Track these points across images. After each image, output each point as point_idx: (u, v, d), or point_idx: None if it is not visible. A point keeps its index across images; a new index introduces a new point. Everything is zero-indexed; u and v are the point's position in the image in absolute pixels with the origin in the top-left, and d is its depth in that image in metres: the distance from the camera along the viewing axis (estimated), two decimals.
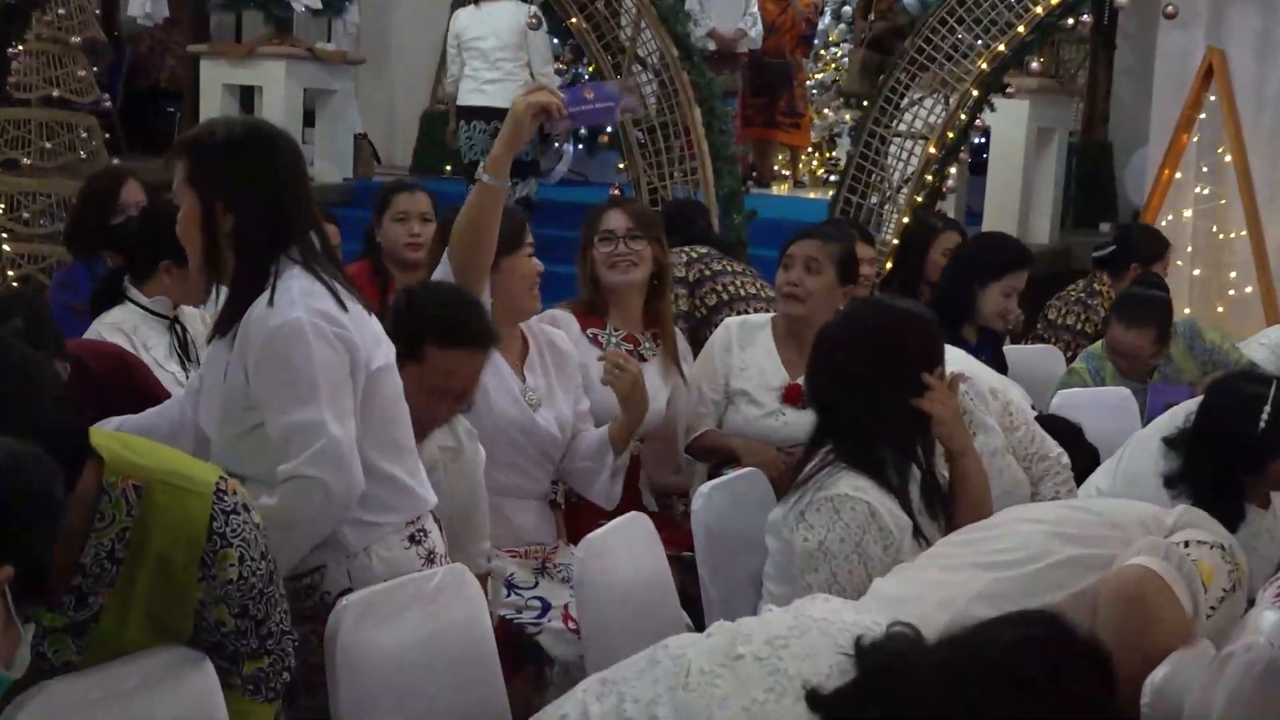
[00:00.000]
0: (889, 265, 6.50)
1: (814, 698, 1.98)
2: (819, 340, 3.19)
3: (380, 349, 2.80)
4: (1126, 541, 2.62)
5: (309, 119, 10.08)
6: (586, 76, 7.78)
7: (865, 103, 9.11)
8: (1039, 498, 3.67)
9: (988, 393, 3.73)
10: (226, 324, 2.74)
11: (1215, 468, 3.37)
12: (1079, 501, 2.86)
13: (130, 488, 2.24)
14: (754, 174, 11.37)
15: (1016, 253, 5.05)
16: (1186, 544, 2.57)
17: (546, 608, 3.45)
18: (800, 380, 4.18)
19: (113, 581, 2.24)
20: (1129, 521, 2.68)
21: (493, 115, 8.41)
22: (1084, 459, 4.07)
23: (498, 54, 8.60)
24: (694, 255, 5.21)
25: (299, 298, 2.68)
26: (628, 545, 3.16)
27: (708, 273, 5.12)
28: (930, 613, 2.56)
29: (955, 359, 3.52)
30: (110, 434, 2.39)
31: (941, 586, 2.69)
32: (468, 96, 8.72)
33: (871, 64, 9.34)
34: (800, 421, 4.16)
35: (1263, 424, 3.33)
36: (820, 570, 2.97)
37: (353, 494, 2.68)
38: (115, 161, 7.82)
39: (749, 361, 4.24)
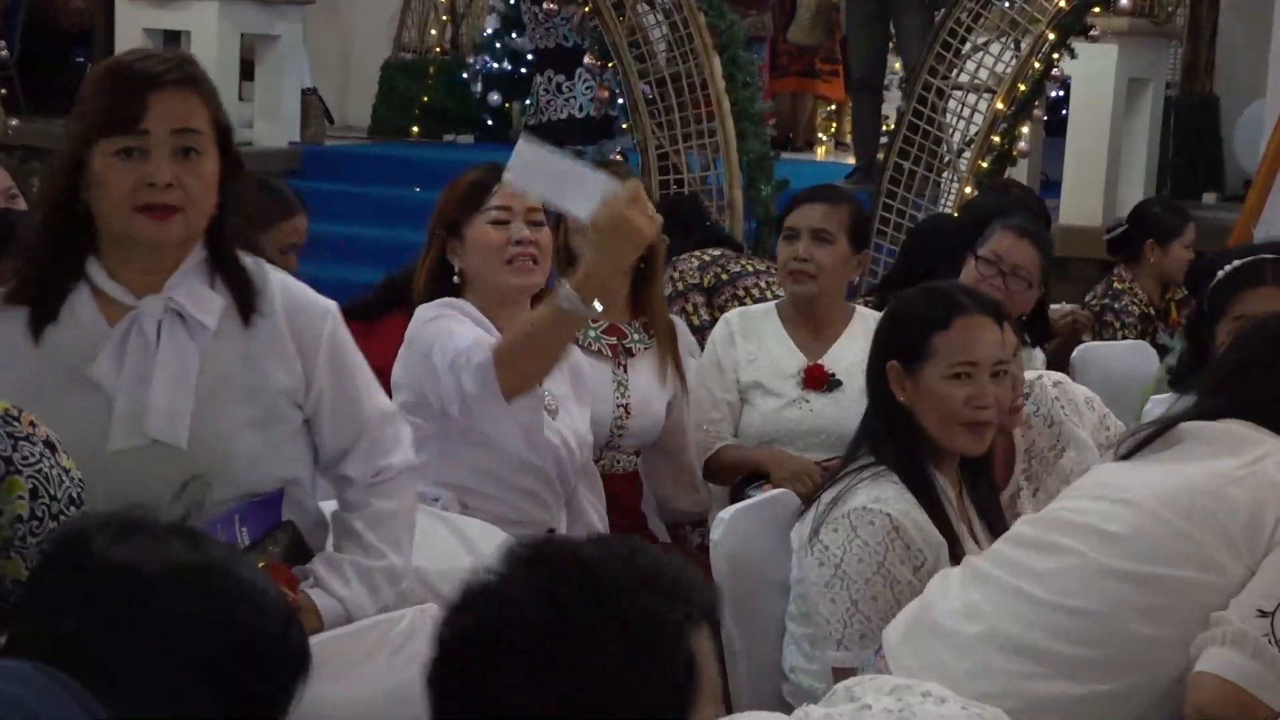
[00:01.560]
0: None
1: None
2: None
3: None
4: (1203, 562, 2.63)
5: (247, 71, 10.09)
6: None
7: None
8: None
9: (1083, 402, 3.75)
10: (248, 312, 2.74)
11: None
12: (1162, 499, 2.81)
13: None
14: (789, 134, 11.41)
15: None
16: None
17: None
18: (820, 361, 4.24)
19: None
20: (1211, 539, 2.67)
21: None
22: None
23: None
24: (706, 259, 5.29)
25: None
26: None
27: (725, 276, 5.18)
28: (972, 645, 2.67)
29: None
30: None
31: (983, 616, 2.75)
32: None
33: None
34: (827, 408, 4.20)
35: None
36: (839, 600, 3.02)
37: None
38: (14, 123, 7.86)
39: (757, 351, 4.28)
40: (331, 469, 2.87)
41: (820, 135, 12.37)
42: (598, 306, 3.15)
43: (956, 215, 6.59)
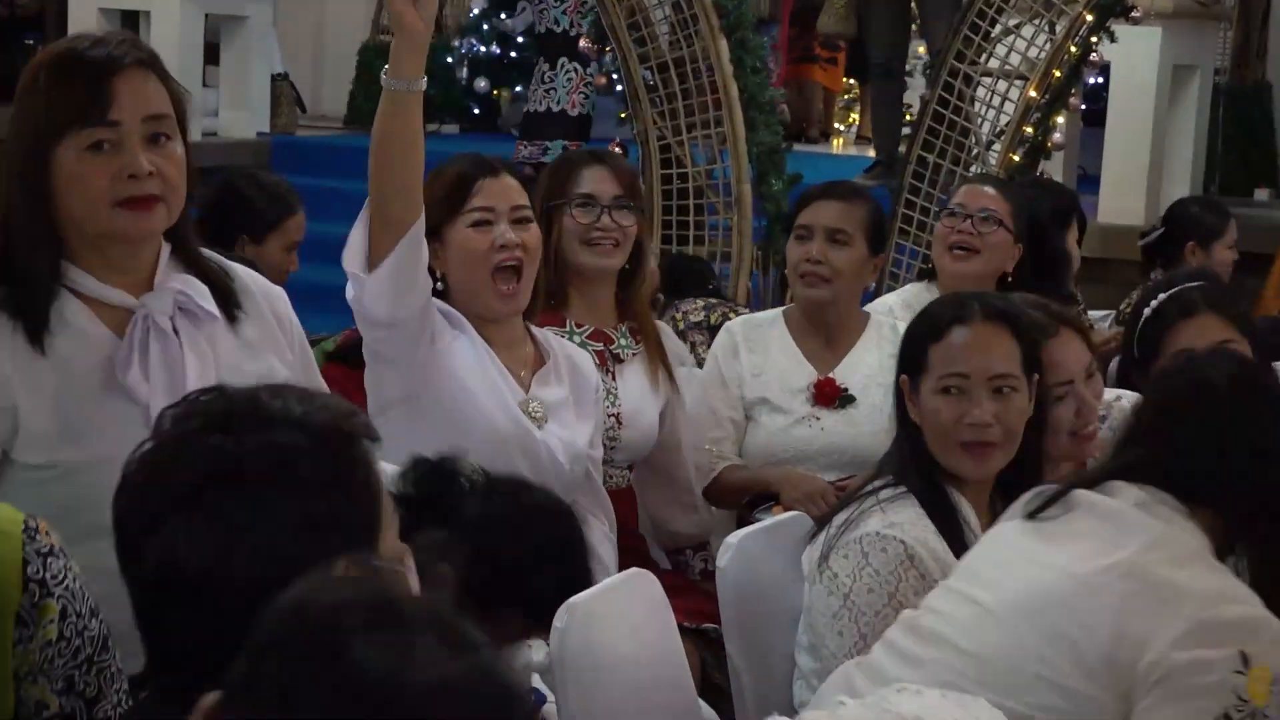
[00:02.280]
0: None
1: None
2: None
3: None
4: (1063, 692, 2.58)
5: (212, 55, 10.10)
6: None
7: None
8: None
9: None
10: (229, 302, 2.85)
11: None
12: (1023, 610, 2.69)
13: None
14: (803, 125, 11.42)
15: None
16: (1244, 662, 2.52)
17: (541, 701, 3.43)
18: (832, 374, 4.23)
19: None
20: (1067, 666, 2.58)
21: None
22: None
23: None
24: (711, 301, 5.39)
25: None
26: (626, 613, 3.12)
27: (732, 315, 5.22)
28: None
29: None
30: None
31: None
32: None
33: None
34: (840, 426, 4.20)
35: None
36: (846, 633, 3.02)
37: None
38: None
39: (764, 365, 4.29)
40: None
41: (838, 125, 12.39)
42: (422, 83, 3.21)
43: None
